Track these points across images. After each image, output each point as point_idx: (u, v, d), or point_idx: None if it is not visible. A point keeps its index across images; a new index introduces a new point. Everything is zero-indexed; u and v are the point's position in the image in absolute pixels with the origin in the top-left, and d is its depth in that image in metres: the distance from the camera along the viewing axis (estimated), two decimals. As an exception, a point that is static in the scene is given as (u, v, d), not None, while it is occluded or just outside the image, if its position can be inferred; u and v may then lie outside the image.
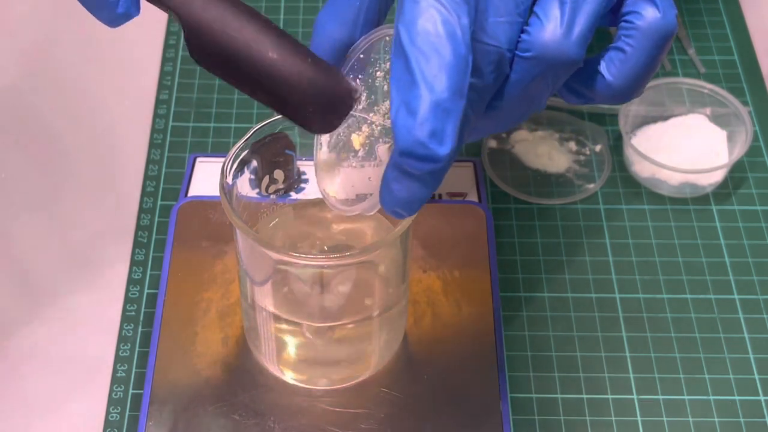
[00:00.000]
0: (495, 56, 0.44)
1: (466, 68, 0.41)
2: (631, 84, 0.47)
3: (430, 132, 0.40)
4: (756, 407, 0.59)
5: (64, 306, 0.63)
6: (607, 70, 0.47)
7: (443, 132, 0.41)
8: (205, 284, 0.61)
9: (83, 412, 0.58)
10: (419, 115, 0.40)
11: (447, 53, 0.41)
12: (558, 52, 0.44)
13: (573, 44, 0.45)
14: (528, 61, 0.45)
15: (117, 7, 0.44)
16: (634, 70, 0.46)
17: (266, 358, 0.58)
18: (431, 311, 0.61)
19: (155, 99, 0.73)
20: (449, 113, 0.41)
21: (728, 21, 0.79)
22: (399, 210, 0.45)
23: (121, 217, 0.67)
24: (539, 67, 0.45)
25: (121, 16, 0.45)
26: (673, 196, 0.68)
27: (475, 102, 0.44)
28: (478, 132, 0.48)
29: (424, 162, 0.41)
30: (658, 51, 0.46)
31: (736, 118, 0.69)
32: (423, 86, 0.40)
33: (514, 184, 0.69)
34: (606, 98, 0.48)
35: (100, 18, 0.45)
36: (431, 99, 0.40)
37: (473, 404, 0.57)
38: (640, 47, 0.46)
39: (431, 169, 0.41)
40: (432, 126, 0.40)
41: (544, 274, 0.64)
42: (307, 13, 0.79)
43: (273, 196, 0.57)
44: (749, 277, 0.65)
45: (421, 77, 0.41)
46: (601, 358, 0.61)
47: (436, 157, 0.41)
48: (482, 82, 0.44)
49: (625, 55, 0.46)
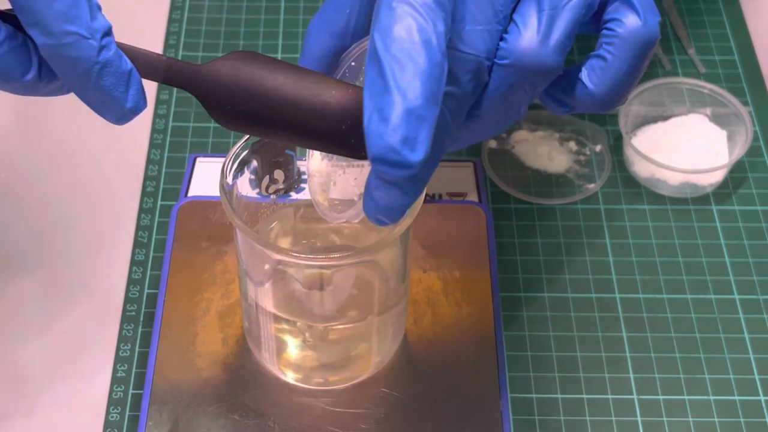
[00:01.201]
0: (473, 65, 0.44)
1: (441, 75, 0.41)
2: (612, 92, 0.47)
3: (402, 138, 0.40)
4: (756, 407, 0.59)
5: (64, 305, 0.63)
6: (588, 78, 0.47)
7: (416, 139, 0.40)
8: (205, 284, 0.61)
9: (83, 412, 0.58)
10: (391, 121, 0.40)
11: (421, 60, 0.40)
12: (535, 59, 0.44)
13: (550, 52, 0.44)
14: (505, 68, 0.44)
15: (126, 102, 0.44)
16: (616, 79, 0.46)
17: (266, 358, 0.58)
18: (431, 311, 0.61)
19: (155, 99, 0.73)
20: (422, 120, 0.40)
21: (728, 21, 0.79)
22: (381, 217, 0.44)
23: (121, 217, 0.67)
24: (516, 75, 0.45)
25: (130, 111, 0.44)
26: (673, 196, 0.68)
27: (454, 110, 0.44)
28: (460, 142, 0.48)
29: (396, 168, 0.40)
30: (640, 59, 0.46)
31: (736, 118, 0.69)
32: (396, 93, 0.40)
33: (514, 184, 0.69)
34: (588, 107, 0.47)
35: (108, 118, 0.45)
36: (404, 106, 0.40)
37: (473, 404, 0.57)
38: (620, 55, 0.46)
39: (404, 175, 0.41)
40: (404, 132, 0.40)
41: (544, 274, 0.64)
42: (307, 13, 0.79)
43: (273, 196, 0.57)
44: (749, 277, 0.65)
45: (394, 84, 0.40)
46: (601, 358, 0.61)
47: (408, 164, 0.40)
48: (460, 90, 0.44)
49: (605, 63, 0.46)
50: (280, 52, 0.76)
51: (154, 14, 0.78)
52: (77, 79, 0.42)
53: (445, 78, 0.41)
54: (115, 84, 0.43)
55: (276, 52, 0.76)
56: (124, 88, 0.43)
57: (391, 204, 0.44)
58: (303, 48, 0.50)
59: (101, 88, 0.43)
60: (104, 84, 0.43)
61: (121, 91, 0.43)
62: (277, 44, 0.77)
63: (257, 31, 0.78)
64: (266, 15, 0.79)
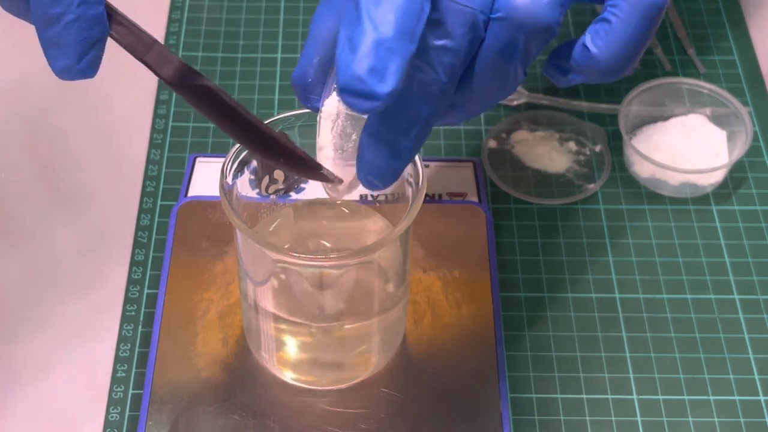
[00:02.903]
0: (468, 17, 0.43)
1: (420, 13, 0.40)
2: (618, 58, 0.45)
3: (369, 68, 0.40)
4: (756, 407, 0.59)
5: (64, 306, 0.63)
6: (592, 42, 0.45)
7: (384, 70, 0.40)
8: (205, 284, 0.61)
9: (83, 412, 0.58)
10: (359, 51, 0.40)
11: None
12: (528, 13, 0.43)
13: (545, 6, 0.43)
14: (499, 22, 0.43)
15: (77, 62, 0.43)
16: (621, 42, 0.45)
17: (266, 358, 0.58)
18: (431, 311, 0.61)
19: (155, 99, 0.73)
20: (393, 52, 0.40)
21: (728, 21, 0.79)
22: (372, 179, 0.44)
23: (121, 217, 0.67)
24: (510, 30, 0.43)
25: (78, 72, 0.43)
26: (673, 196, 0.68)
27: (447, 66, 0.43)
28: (457, 111, 0.47)
29: (362, 99, 0.40)
30: (647, 22, 0.44)
31: (736, 118, 0.69)
32: (368, 23, 0.40)
33: (514, 184, 0.69)
34: (593, 74, 0.46)
35: (52, 64, 0.43)
36: (374, 37, 0.40)
37: (473, 404, 0.57)
38: (626, 18, 0.44)
39: (371, 107, 0.40)
40: (372, 62, 0.40)
41: (543, 274, 0.64)
42: (307, 13, 0.79)
43: (273, 196, 0.57)
44: (749, 277, 0.65)
45: (367, 16, 0.40)
46: (601, 358, 0.61)
47: (374, 94, 0.40)
48: (454, 43, 0.43)
49: (610, 26, 0.45)
50: (279, 52, 0.76)
51: (154, 14, 0.78)
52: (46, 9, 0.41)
53: (425, 17, 0.41)
54: (78, 41, 0.42)
55: (276, 52, 0.76)
56: (85, 49, 0.42)
57: (380, 163, 0.43)
58: (309, 32, 0.49)
59: (62, 35, 0.42)
60: (67, 35, 0.42)
61: (79, 50, 0.42)
62: (277, 44, 0.77)
63: (257, 31, 0.78)
64: (266, 15, 0.79)
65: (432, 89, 0.43)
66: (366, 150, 0.44)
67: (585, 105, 0.73)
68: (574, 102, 0.73)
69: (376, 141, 0.43)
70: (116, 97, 0.73)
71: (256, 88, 0.74)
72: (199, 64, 0.75)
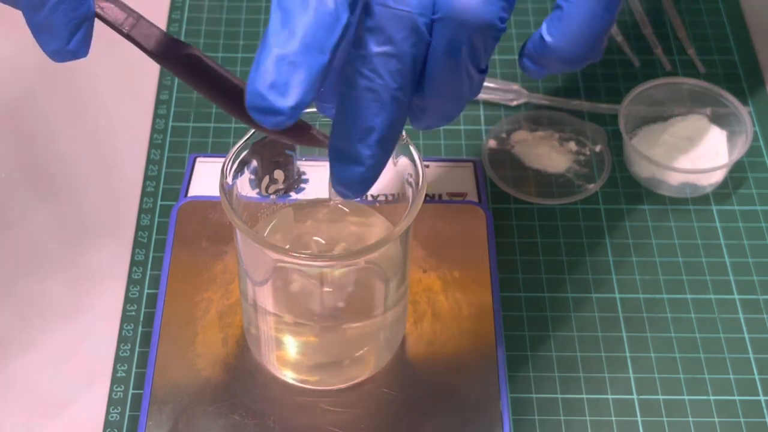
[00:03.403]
0: (406, 21, 0.42)
1: (333, 24, 0.40)
2: (575, 45, 0.44)
3: (270, 84, 0.39)
4: (756, 407, 0.59)
5: (64, 305, 0.63)
6: (547, 32, 0.45)
7: (287, 84, 0.39)
8: (205, 284, 0.61)
9: (83, 412, 0.58)
10: (261, 68, 0.40)
11: (310, 11, 0.40)
12: (466, 11, 0.42)
13: (483, 3, 0.42)
14: (440, 23, 0.43)
15: (68, 43, 0.43)
16: (576, 29, 0.44)
17: (266, 358, 0.58)
18: (431, 311, 0.61)
19: (155, 99, 0.73)
20: (297, 66, 0.39)
21: (728, 21, 0.79)
22: (341, 189, 0.45)
23: (121, 217, 0.67)
24: (451, 29, 0.43)
25: (69, 53, 0.43)
26: (673, 196, 0.68)
27: (395, 72, 0.43)
28: (420, 115, 0.46)
29: (265, 114, 0.40)
30: (600, 5, 0.44)
31: (736, 118, 0.69)
32: (272, 40, 0.40)
33: (514, 184, 0.69)
34: (555, 64, 0.45)
35: (44, 48, 0.44)
36: (276, 53, 0.40)
37: (473, 404, 0.57)
38: (578, 2, 0.44)
39: (275, 122, 0.40)
40: (272, 78, 0.39)
41: (544, 274, 0.64)
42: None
43: (273, 196, 0.57)
44: (749, 277, 0.65)
45: (273, 35, 0.40)
46: (601, 358, 0.61)
47: (276, 110, 0.40)
48: (396, 49, 0.43)
49: (563, 12, 0.44)
50: (280, 52, 0.76)
51: (154, 14, 0.78)
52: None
53: (341, 26, 0.40)
54: (65, 23, 0.42)
55: (276, 52, 0.76)
56: (73, 29, 0.43)
57: (343, 172, 0.44)
58: None
59: (50, 19, 0.42)
60: (54, 18, 0.42)
61: (67, 31, 0.43)
62: (277, 44, 0.77)
63: (257, 31, 0.78)
64: (266, 15, 0.79)
65: (383, 96, 0.43)
66: (330, 160, 0.44)
67: (585, 105, 0.73)
68: (574, 102, 0.73)
69: (336, 151, 0.44)
70: (116, 97, 0.73)
71: (256, 88, 0.74)
72: (199, 64, 0.75)
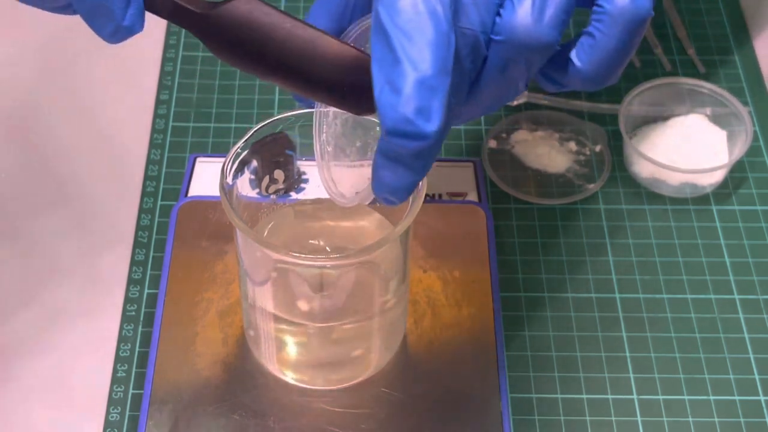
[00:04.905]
0: (471, 39, 0.43)
1: (449, 46, 0.41)
2: (601, 70, 0.46)
3: (416, 109, 0.40)
4: (756, 407, 0.59)
5: (64, 305, 0.63)
6: (577, 56, 0.46)
7: (430, 109, 0.40)
8: (205, 284, 0.61)
9: (83, 412, 0.58)
10: (404, 92, 0.40)
11: (429, 30, 0.40)
12: (528, 35, 0.44)
13: (545, 27, 0.44)
14: (500, 44, 0.44)
15: (123, 19, 0.43)
16: (605, 57, 0.45)
17: (266, 358, 0.58)
18: (431, 311, 0.61)
19: (155, 99, 0.73)
20: (435, 90, 0.40)
21: (728, 21, 0.79)
22: (389, 197, 0.44)
23: (121, 217, 0.67)
24: (511, 51, 0.44)
25: (125, 30, 0.44)
26: (673, 196, 0.68)
27: (454, 86, 0.43)
28: (461, 118, 0.47)
29: (411, 140, 0.40)
30: (630, 36, 0.45)
31: (736, 118, 0.69)
32: (407, 64, 0.40)
33: (514, 184, 0.69)
34: (578, 84, 0.47)
35: (101, 32, 0.44)
36: (416, 76, 0.40)
37: (473, 404, 0.57)
38: (609, 33, 0.45)
39: (420, 147, 0.40)
40: (417, 103, 0.40)
41: (544, 274, 0.64)
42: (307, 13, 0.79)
43: (273, 196, 0.57)
44: (749, 277, 0.65)
45: (404, 55, 0.40)
46: (601, 358, 0.61)
47: (424, 134, 0.40)
48: (460, 65, 0.43)
49: (594, 40, 0.45)
50: (280, 52, 0.76)
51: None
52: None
53: (453, 48, 0.41)
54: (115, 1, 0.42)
55: (276, 52, 0.76)
56: (125, 4, 0.43)
57: (398, 183, 0.43)
58: None
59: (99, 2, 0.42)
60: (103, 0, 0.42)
61: (121, 6, 0.43)
62: (277, 44, 0.77)
63: (257, 31, 0.78)
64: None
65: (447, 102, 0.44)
66: (383, 170, 0.44)
67: (585, 105, 0.73)
68: (574, 102, 0.73)
69: (394, 162, 0.43)
70: (116, 97, 0.73)
71: (256, 88, 0.74)
72: (199, 64, 0.75)
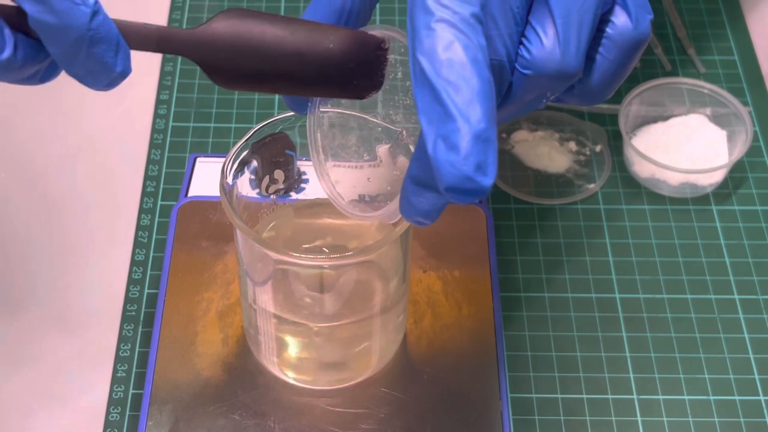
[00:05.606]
0: (497, 69, 0.43)
1: (492, 91, 0.40)
2: (599, 90, 0.46)
3: (476, 165, 0.39)
4: (756, 407, 0.59)
5: (65, 305, 0.63)
6: None
7: (486, 162, 0.40)
8: (205, 284, 0.61)
9: (83, 412, 0.58)
10: (462, 149, 0.39)
11: (474, 80, 0.40)
12: (557, 69, 0.44)
13: (572, 58, 0.44)
14: (528, 78, 0.44)
15: (116, 66, 0.43)
16: (603, 77, 0.46)
17: (266, 358, 0.58)
18: (431, 311, 0.61)
19: (155, 99, 0.73)
20: (488, 142, 0.40)
21: (728, 21, 0.79)
22: (421, 219, 0.44)
23: (121, 217, 0.67)
24: (539, 82, 0.44)
25: (119, 76, 0.43)
26: (673, 196, 0.68)
27: None
28: None
29: (471, 195, 0.40)
30: (628, 59, 0.46)
31: (736, 118, 0.69)
32: (460, 119, 0.39)
33: (514, 184, 0.69)
34: (574, 101, 0.47)
35: (97, 86, 0.43)
36: (471, 132, 0.39)
37: (473, 404, 0.57)
38: (609, 56, 0.45)
39: (478, 199, 0.40)
40: (477, 159, 0.39)
41: (544, 274, 0.64)
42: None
43: (273, 196, 0.57)
44: (749, 277, 0.65)
45: (455, 109, 0.39)
46: (601, 358, 0.61)
47: (483, 189, 0.40)
48: None
49: (594, 63, 0.46)
50: (280, 52, 0.76)
51: (154, 14, 0.78)
52: (68, 48, 0.41)
53: (495, 94, 0.40)
54: (106, 50, 0.42)
55: (276, 52, 0.76)
56: (114, 53, 0.42)
57: (431, 207, 0.44)
58: None
59: (93, 55, 0.42)
60: (96, 51, 0.41)
61: (112, 57, 0.42)
62: (277, 44, 0.77)
63: (257, 31, 0.78)
64: (266, 15, 0.79)
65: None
66: (413, 195, 0.44)
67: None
68: (574, 102, 0.73)
69: (424, 187, 0.44)
70: (116, 98, 0.73)
71: (256, 88, 0.74)
72: (199, 64, 0.75)
